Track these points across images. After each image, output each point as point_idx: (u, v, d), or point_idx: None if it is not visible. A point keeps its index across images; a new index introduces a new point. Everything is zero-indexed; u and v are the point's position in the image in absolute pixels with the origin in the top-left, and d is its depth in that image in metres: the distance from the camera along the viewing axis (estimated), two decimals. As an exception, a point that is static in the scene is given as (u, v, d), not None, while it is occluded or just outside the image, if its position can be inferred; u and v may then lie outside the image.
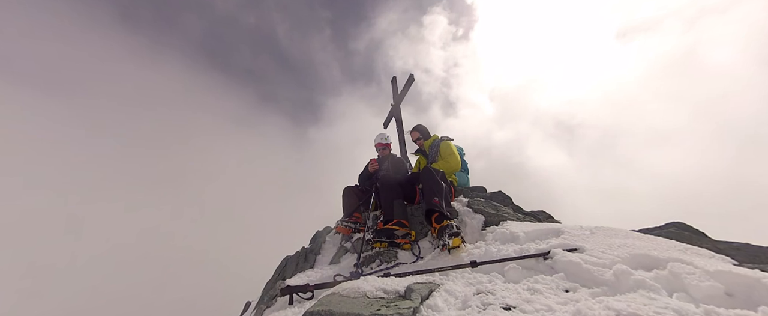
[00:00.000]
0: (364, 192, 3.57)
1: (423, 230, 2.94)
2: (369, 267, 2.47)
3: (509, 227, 2.38)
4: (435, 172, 2.76)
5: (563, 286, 1.45)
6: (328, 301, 1.34)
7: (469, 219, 2.85)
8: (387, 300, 1.36)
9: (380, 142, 4.24)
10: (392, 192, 2.91)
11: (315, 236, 4.12)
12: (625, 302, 1.16)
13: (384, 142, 4.23)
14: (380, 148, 4.21)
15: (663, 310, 1.08)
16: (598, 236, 1.95)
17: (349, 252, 3.20)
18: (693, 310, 1.08)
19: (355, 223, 3.44)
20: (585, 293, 1.34)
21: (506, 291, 1.45)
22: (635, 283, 1.34)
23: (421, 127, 4.04)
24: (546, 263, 1.70)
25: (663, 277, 1.36)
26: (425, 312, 1.31)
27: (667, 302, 1.15)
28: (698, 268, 1.35)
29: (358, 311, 1.22)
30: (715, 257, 1.78)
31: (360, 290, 1.43)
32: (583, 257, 1.61)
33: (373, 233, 2.80)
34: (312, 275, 2.80)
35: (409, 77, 5.81)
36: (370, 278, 1.63)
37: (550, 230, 2.15)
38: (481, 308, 1.29)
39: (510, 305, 1.27)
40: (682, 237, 2.24)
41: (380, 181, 3.07)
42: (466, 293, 1.48)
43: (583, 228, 2.17)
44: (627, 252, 1.60)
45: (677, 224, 2.57)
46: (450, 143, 3.66)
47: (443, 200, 2.58)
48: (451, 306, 1.39)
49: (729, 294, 1.21)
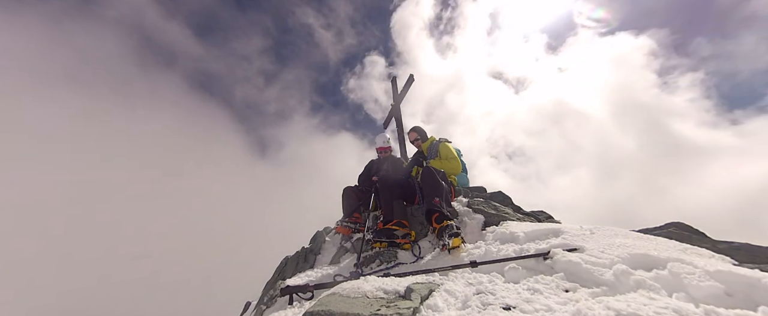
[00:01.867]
0: (363, 193, 3.57)
1: (423, 230, 2.94)
2: (369, 267, 2.47)
3: (509, 227, 2.38)
4: (435, 171, 2.76)
5: (563, 286, 1.45)
6: (328, 301, 1.33)
7: (469, 219, 2.85)
8: (387, 300, 1.36)
9: (381, 145, 4.31)
10: (392, 192, 2.91)
11: (315, 236, 4.12)
12: (625, 302, 1.16)
13: (385, 145, 4.31)
14: (380, 152, 4.29)
15: (663, 310, 1.08)
16: (598, 236, 1.95)
17: (349, 252, 3.20)
18: (693, 310, 1.08)
19: (355, 223, 3.43)
20: (585, 293, 1.34)
21: (506, 291, 1.45)
22: (635, 283, 1.34)
23: (419, 129, 4.04)
24: (546, 263, 1.69)
25: (663, 277, 1.36)
26: (425, 312, 1.31)
27: (667, 302, 1.15)
28: (698, 268, 1.34)
29: (358, 311, 1.22)
30: (715, 257, 1.78)
31: (360, 290, 1.43)
32: (583, 257, 1.60)
33: (373, 233, 2.80)
34: (312, 275, 2.80)
35: (409, 77, 5.81)
36: (370, 278, 1.63)
37: (550, 230, 2.15)
38: (481, 308, 1.29)
39: (510, 305, 1.27)
40: (681, 237, 2.24)
41: (380, 181, 3.07)
42: (466, 293, 1.48)
43: (583, 228, 2.16)
44: (627, 252, 1.60)
45: (677, 224, 2.57)
46: (449, 145, 3.66)
47: (443, 200, 2.58)
48: (451, 306, 1.39)
49: (729, 294, 1.21)
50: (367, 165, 4.23)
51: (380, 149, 4.29)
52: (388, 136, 4.41)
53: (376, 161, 4.25)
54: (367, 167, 4.21)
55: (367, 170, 4.14)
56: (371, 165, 4.19)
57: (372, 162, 4.25)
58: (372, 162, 4.25)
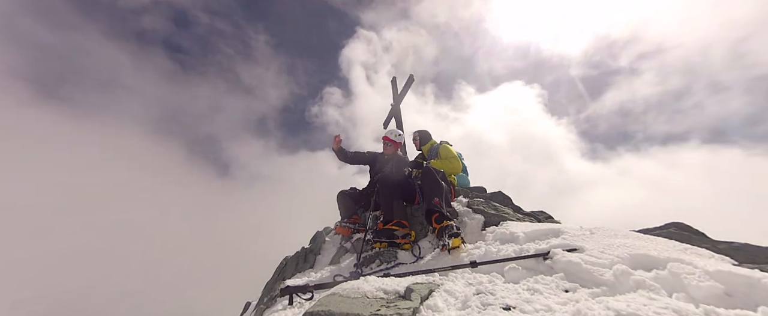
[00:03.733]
0: (360, 195, 3.55)
1: (423, 231, 2.94)
2: (369, 267, 2.47)
3: (509, 227, 2.38)
4: (435, 172, 2.76)
5: (563, 286, 1.44)
6: (328, 301, 1.33)
7: (468, 219, 2.85)
8: (387, 300, 1.36)
9: (388, 136, 3.95)
10: (392, 192, 2.91)
11: (315, 237, 4.12)
12: (625, 303, 1.16)
13: (393, 138, 3.93)
14: (386, 142, 3.93)
15: (663, 310, 1.08)
16: (598, 236, 1.95)
17: (349, 252, 3.20)
18: (693, 310, 1.08)
19: (355, 223, 3.43)
20: (585, 294, 1.34)
21: (506, 291, 1.44)
22: (635, 283, 1.34)
23: (422, 131, 4.06)
24: (546, 264, 1.69)
25: (663, 277, 1.36)
26: (425, 312, 1.31)
27: (667, 302, 1.15)
28: (698, 268, 1.34)
29: (358, 311, 1.22)
30: (714, 257, 1.78)
31: (360, 291, 1.42)
32: (582, 257, 1.60)
33: (373, 234, 2.80)
34: (312, 275, 2.80)
35: (409, 78, 5.81)
36: (370, 278, 1.62)
37: (549, 230, 2.14)
38: (481, 309, 1.29)
39: (510, 306, 1.27)
40: (681, 237, 2.24)
41: (380, 181, 3.07)
42: (466, 294, 1.47)
43: (582, 228, 2.16)
44: (627, 252, 1.60)
45: (677, 224, 2.57)
46: (449, 147, 3.68)
47: (443, 200, 2.58)
48: (450, 306, 1.38)
49: (729, 294, 1.21)
50: (370, 156, 3.99)
51: (388, 140, 3.91)
52: (400, 132, 4.11)
53: (380, 155, 3.97)
54: (370, 158, 3.97)
55: (370, 162, 3.94)
56: (374, 160, 3.94)
57: (376, 156, 3.98)
58: (376, 156, 3.98)
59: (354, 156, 4.01)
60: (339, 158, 3.98)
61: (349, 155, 3.99)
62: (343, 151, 3.93)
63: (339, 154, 3.93)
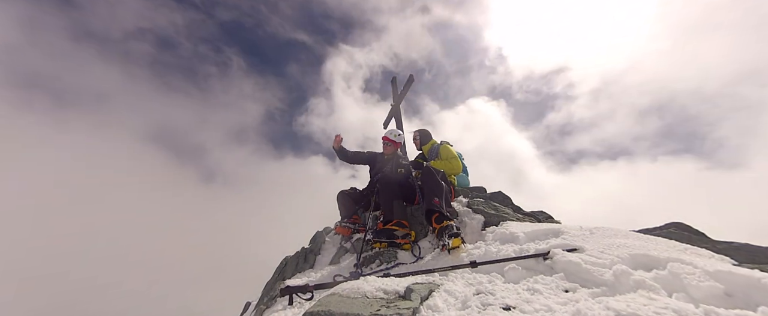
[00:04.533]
0: (360, 195, 3.55)
1: (423, 231, 2.94)
2: (369, 267, 2.47)
3: (509, 228, 2.38)
4: (435, 172, 2.76)
5: (563, 286, 1.44)
6: (328, 301, 1.33)
7: (468, 219, 2.85)
8: (387, 300, 1.36)
9: (387, 136, 3.85)
10: (392, 192, 2.91)
11: (315, 237, 4.12)
12: (625, 303, 1.16)
13: (392, 138, 3.83)
14: (386, 142, 3.84)
15: (663, 310, 1.08)
16: (598, 236, 1.95)
17: (349, 252, 3.20)
18: (693, 310, 1.08)
19: (355, 224, 3.43)
20: (585, 294, 1.34)
21: (506, 291, 1.44)
22: (635, 283, 1.34)
23: (423, 131, 4.06)
24: (546, 264, 1.69)
25: (663, 277, 1.36)
26: (425, 312, 1.31)
27: (667, 303, 1.15)
28: (698, 268, 1.34)
29: (358, 311, 1.22)
30: (714, 257, 1.78)
31: (360, 291, 1.43)
32: (582, 257, 1.60)
33: (373, 234, 2.80)
34: (312, 275, 2.80)
35: (409, 77, 5.81)
36: (370, 278, 1.63)
37: (549, 231, 2.14)
38: (481, 309, 1.29)
39: (510, 306, 1.27)
40: (681, 237, 2.24)
41: (380, 181, 3.07)
42: (466, 294, 1.47)
43: (582, 228, 2.16)
44: (627, 252, 1.60)
45: (677, 224, 2.57)
46: (449, 147, 3.69)
47: (443, 200, 2.58)
48: (450, 306, 1.38)
49: (729, 294, 1.21)
50: (370, 156, 3.95)
51: (388, 140, 3.81)
52: (400, 132, 4.05)
53: (380, 155, 3.91)
54: (370, 158, 3.92)
55: (370, 162, 3.90)
56: (374, 160, 3.89)
57: (376, 156, 3.93)
58: (376, 156, 3.93)
59: (354, 156, 4.01)
60: (339, 157, 3.98)
61: (349, 155, 3.99)
62: (344, 150, 3.94)
63: (339, 153, 3.94)
